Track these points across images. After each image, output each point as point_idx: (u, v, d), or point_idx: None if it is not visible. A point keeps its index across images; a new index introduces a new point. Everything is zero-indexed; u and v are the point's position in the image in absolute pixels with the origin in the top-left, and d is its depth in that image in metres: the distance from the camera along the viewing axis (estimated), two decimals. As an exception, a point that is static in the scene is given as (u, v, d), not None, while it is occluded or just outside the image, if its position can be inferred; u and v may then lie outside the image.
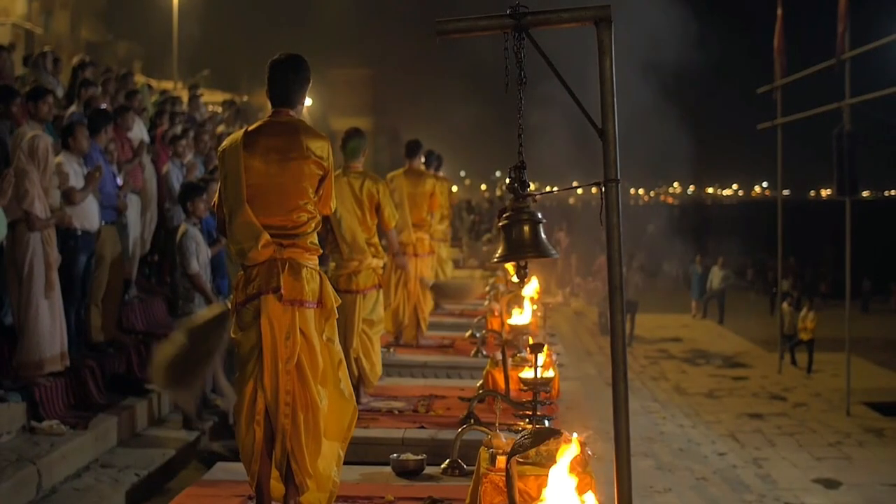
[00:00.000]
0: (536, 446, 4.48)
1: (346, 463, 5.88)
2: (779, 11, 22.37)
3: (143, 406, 9.50)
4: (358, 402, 8.03)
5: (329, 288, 5.63)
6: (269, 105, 5.78)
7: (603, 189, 3.71)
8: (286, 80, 5.61)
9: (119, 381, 9.67)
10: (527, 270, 3.84)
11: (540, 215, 3.80)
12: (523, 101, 3.78)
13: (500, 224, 3.82)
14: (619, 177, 3.68)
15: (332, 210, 5.95)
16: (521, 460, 4.66)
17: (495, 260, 3.89)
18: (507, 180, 3.92)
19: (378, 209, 8.77)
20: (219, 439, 9.59)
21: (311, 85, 5.76)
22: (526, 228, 3.77)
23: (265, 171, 5.45)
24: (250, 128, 5.63)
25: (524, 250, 3.77)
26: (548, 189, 3.85)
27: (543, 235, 3.80)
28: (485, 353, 10.72)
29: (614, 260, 3.69)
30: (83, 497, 7.41)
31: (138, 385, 9.78)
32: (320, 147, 5.51)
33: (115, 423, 8.81)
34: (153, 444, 8.95)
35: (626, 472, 3.70)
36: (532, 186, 3.89)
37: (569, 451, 4.28)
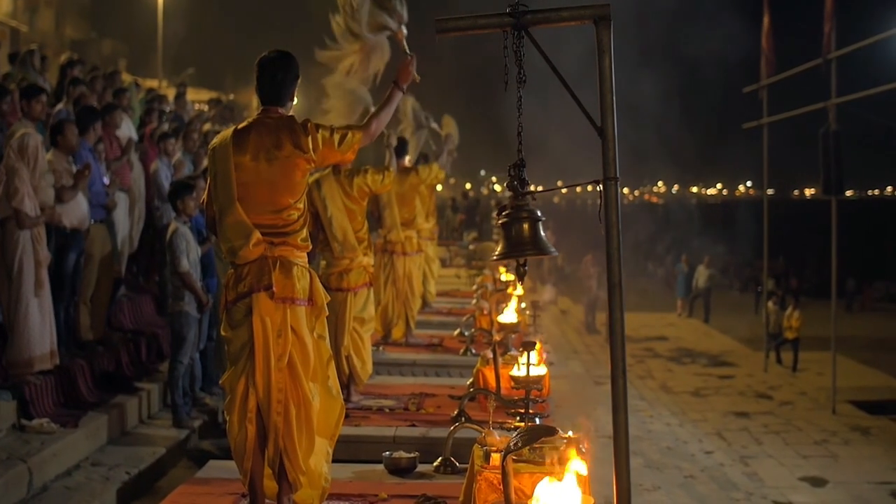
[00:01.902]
0: (532, 444, 4.49)
1: (337, 461, 5.89)
2: (765, 20, 22.38)
3: (133, 404, 9.48)
4: (348, 400, 8.08)
5: (319, 285, 5.64)
6: (254, 103, 5.77)
7: (602, 187, 3.72)
8: (275, 78, 5.59)
9: (108, 379, 9.65)
10: (526, 269, 3.84)
11: (539, 213, 3.81)
12: (523, 99, 3.79)
13: (500, 222, 3.83)
14: (618, 175, 3.69)
15: (353, 157, 5.92)
16: (515, 458, 4.67)
17: (494, 258, 3.90)
18: (493, 179, 3.93)
19: (370, 190, 8.79)
20: (208, 437, 9.59)
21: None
22: (525, 226, 3.77)
23: (255, 169, 5.44)
24: (240, 126, 5.62)
25: (524, 248, 3.77)
26: (535, 188, 3.83)
27: (543, 233, 3.81)
28: (474, 351, 10.74)
29: (613, 257, 3.70)
30: (74, 495, 7.40)
31: (128, 383, 9.77)
32: (308, 142, 5.49)
33: (105, 421, 8.80)
34: (143, 443, 8.93)
35: (625, 467, 3.71)
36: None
37: (564, 449, 4.30)
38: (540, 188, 4.06)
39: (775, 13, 22.52)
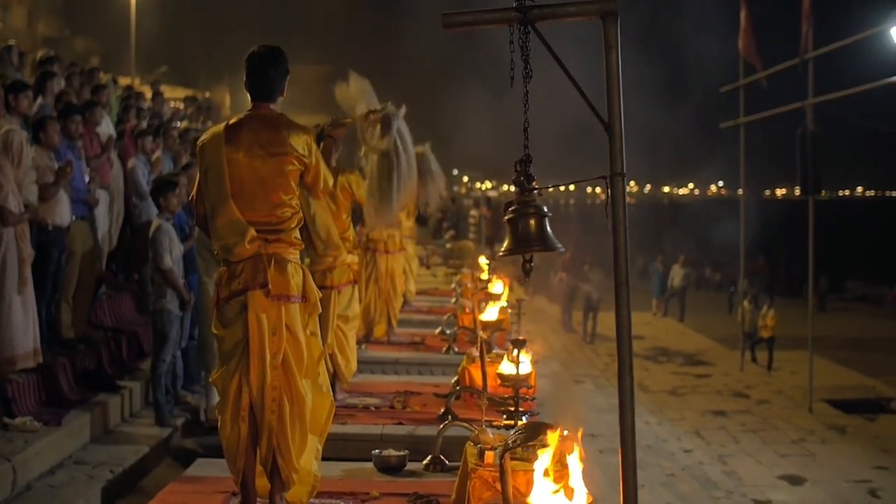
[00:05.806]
0: (531, 441, 4.48)
1: (325, 459, 5.87)
2: (743, 19, 22.39)
3: (116, 402, 9.41)
4: (334, 398, 8.05)
5: (311, 282, 5.62)
6: (227, 101, 5.75)
7: (609, 183, 3.70)
8: (266, 74, 5.57)
9: (90, 377, 9.58)
10: (532, 265, 3.81)
11: (546, 209, 3.79)
12: (529, 94, 3.77)
13: (506, 218, 3.81)
14: (624, 170, 3.68)
15: (328, 192, 5.95)
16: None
17: (501, 254, 3.88)
18: (465, 178, 3.91)
19: (353, 192, 8.81)
20: (191, 436, 9.53)
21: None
22: (532, 222, 3.76)
23: (249, 165, 5.41)
24: (231, 121, 5.59)
25: (531, 244, 3.75)
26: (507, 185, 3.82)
27: (549, 229, 3.79)
28: (456, 349, 10.73)
29: (620, 254, 3.69)
30: (59, 494, 7.33)
31: (110, 381, 9.70)
32: (302, 143, 5.48)
33: (87, 419, 8.72)
34: (126, 441, 8.86)
35: (632, 466, 3.71)
36: (489, 184, 3.90)
37: (560, 447, 4.29)
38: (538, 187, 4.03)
39: (754, 13, 22.55)
